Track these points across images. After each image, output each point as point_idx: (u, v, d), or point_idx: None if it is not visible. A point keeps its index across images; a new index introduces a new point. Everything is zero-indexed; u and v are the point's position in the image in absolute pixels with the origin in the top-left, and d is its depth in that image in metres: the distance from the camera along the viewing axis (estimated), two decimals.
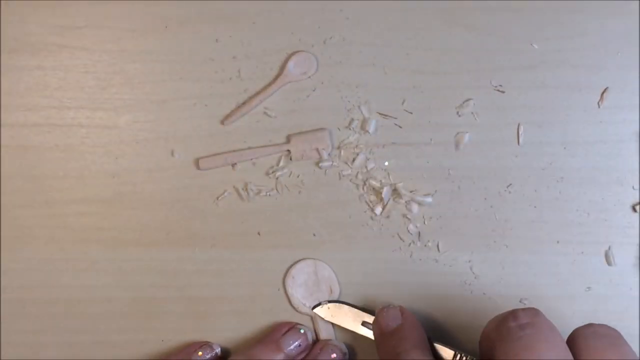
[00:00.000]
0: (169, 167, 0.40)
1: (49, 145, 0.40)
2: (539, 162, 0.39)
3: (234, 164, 0.40)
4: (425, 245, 0.40)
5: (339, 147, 0.40)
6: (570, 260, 0.39)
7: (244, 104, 0.40)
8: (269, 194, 0.40)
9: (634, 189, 0.39)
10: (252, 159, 0.40)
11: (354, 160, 0.40)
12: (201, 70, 0.40)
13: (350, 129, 0.40)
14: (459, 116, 0.39)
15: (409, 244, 0.40)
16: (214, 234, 0.40)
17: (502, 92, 0.39)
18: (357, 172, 0.40)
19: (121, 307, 0.41)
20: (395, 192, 0.39)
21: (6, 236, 0.41)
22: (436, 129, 0.39)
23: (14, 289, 0.41)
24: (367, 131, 0.39)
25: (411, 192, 0.39)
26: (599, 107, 0.39)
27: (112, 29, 0.40)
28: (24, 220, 0.41)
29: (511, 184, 0.39)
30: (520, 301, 0.39)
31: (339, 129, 0.40)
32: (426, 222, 0.40)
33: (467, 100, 0.39)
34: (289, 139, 0.40)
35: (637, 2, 0.39)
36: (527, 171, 0.39)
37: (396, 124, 0.40)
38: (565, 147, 0.39)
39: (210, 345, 0.40)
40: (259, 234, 0.40)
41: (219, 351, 0.40)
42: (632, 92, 0.39)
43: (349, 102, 0.40)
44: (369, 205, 0.40)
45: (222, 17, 0.40)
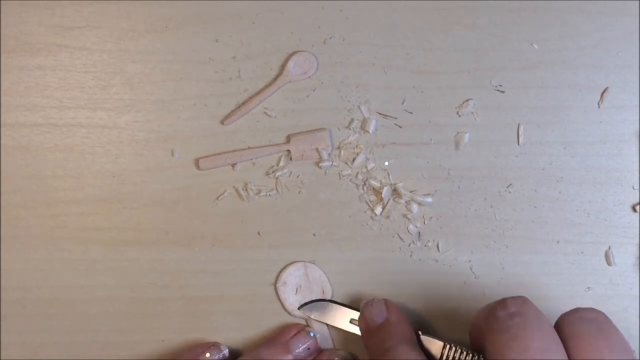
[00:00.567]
0: (169, 167, 0.40)
1: (49, 145, 0.40)
2: (539, 162, 0.39)
3: (234, 164, 0.40)
4: (425, 245, 0.40)
5: (339, 147, 0.40)
6: (570, 260, 0.39)
7: (244, 104, 0.40)
8: (269, 194, 0.40)
9: (634, 189, 0.39)
10: (252, 159, 0.40)
11: (354, 160, 0.40)
12: (201, 70, 0.40)
13: (350, 129, 0.40)
14: (459, 116, 0.39)
15: (409, 244, 0.40)
16: (214, 234, 0.40)
17: (502, 92, 0.39)
18: (357, 172, 0.40)
19: (121, 307, 0.41)
20: (395, 192, 0.39)
21: (6, 236, 0.41)
22: (436, 129, 0.39)
23: (14, 289, 0.41)
24: (367, 131, 0.39)
25: (411, 192, 0.39)
26: (599, 107, 0.39)
27: (112, 29, 0.40)
28: (24, 220, 0.41)
29: (511, 184, 0.39)
30: None
31: (339, 129, 0.40)
32: (426, 222, 0.40)
33: (467, 100, 0.39)
34: (289, 139, 0.40)
35: (637, 2, 0.39)
36: (527, 171, 0.39)
37: (396, 124, 0.40)
38: (565, 147, 0.39)
39: (218, 346, 0.39)
40: (259, 234, 0.40)
41: (227, 352, 0.39)
42: (632, 92, 0.39)
43: (349, 102, 0.40)
44: (369, 205, 0.40)
45: (222, 17, 0.40)
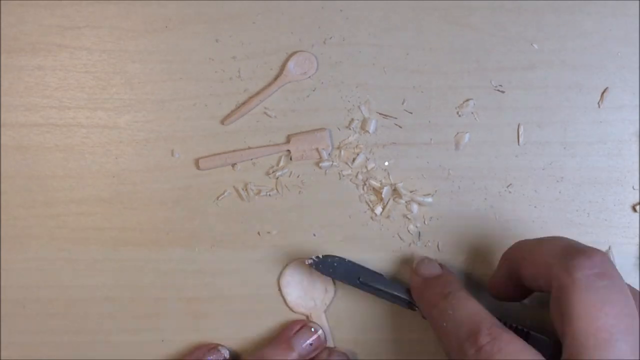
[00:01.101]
0: (169, 167, 0.40)
1: (49, 145, 0.40)
2: (539, 162, 0.39)
3: (234, 164, 0.40)
4: (425, 245, 0.40)
5: (339, 147, 0.40)
6: None
7: (244, 104, 0.40)
8: (269, 194, 0.40)
9: (634, 189, 0.39)
10: (252, 159, 0.40)
11: (354, 160, 0.40)
12: (201, 70, 0.40)
13: (350, 129, 0.40)
14: (459, 116, 0.39)
15: (409, 244, 0.40)
16: (214, 234, 0.40)
17: (502, 92, 0.39)
18: (357, 172, 0.40)
19: (121, 307, 0.41)
20: (395, 192, 0.39)
21: (6, 236, 0.41)
22: (436, 129, 0.39)
23: (14, 289, 0.41)
24: (367, 131, 0.39)
25: (411, 192, 0.39)
26: (599, 107, 0.39)
27: (112, 29, 0.40)
28: (24, 220, 0.41)
29: (511, 184, 0.39)
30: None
31: (339, 129, 0.40)
32: (426, 222, 0.40)
33: (467, 100, 0.39)
34: (289, 139, 0.40)
35: (637, 2, 0.39)
36: (527, 171, 0.39)
37: (396, 124, 0.40)
38: (565, 147, 0.39)
39: (218, 349, 0.39)
40: (259, 234, 0.40)
41: (228, 354, 0.39)
42: (632, 92, 0.39)
43: (349, 102, 0.40)
44: (369, 205, 0.40)
45: (222, 17, 0.40)
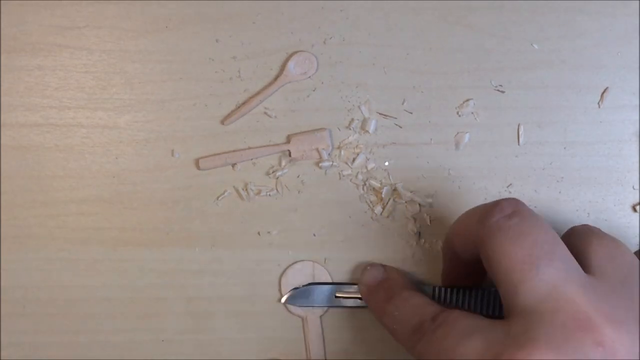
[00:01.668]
0: (169, 167, 0.40)
1: (49, 145, 0.40)
2: (539, 162, 0.39)
3: (234, 164, 0.40)
4: (425, 245, 0.40)
5: (339, 147, 0.40)
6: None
7: (244, 104, 0.40)
8: (269, 194, 0.40)
9: (634, 189, 0.39)
10: (252, 159, 0.40)
11: (354, 160, 0.40)
12: (201, 70, 0.40)
13: (350, 129, 0.40)
14: (459, 116, 0.39)
15: (409, 244, 0.40)
16: (214, 234, 0.40)
17: (502, 92, 0.39)
18: (357, 172, 0.40)
19: (121, 307, 0.41)
20: (395, 192, 0.39)
21: (6, 236, 0.41)
22: (436, 129, 0.39)
23: (14, 289, 0.41)
24: (367, 131, 0.39)
25: (411, 192, 0.39)
26: (599, 107, 0.39)
27: (112, 29, 0.40)
28: (24, 220, 0.41)
29: (511, 184, 0.39)
30: None
31: (339, 129, 0.40)
32: (426, 222, 0.40)
33: (467, 100, 0.39)
34: (289, 139, 0.40)
35: (637, 2, 0.39)
36: (527, 171, 0.39)
37: (396, 124, 0.40)
38: (565, 147, 0.39)
39: None
40: (259, 234, 0.40)
41: None
42: (632, 92, 0.39)
43: (349, 102, 0.40)
44: (369, 205, 0.40)
45: (222, 17, 0.40)
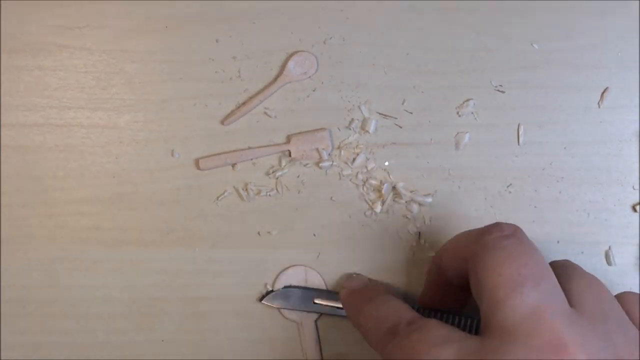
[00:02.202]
0: (169, 167, 0.40)
1: (49, 145, 0.40)
2: (539, 162, 0.39)
3: (234, 164, 0.40)
4: (425, 245, 0.40)
5: (339, 147, 0.40)
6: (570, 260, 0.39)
7: (244, 104, 0.40)
8: (269, 194, 0.40)
9: (634, 189, 0.39)
10: (252, 159, 0.40)
11: (354, 160, 0.40)
12: (201, 70, 0.40)
13: (350, 129, 0.40)
14: (459, 116, 0.39)
15: (409, 244, 0.40)
16: (214, 234, 0.40)
17: (502, 92, 0.39)
18: (357, 172, 0.40)
19: (121, 307, 0.41)
20: (395, 192, 0.39)
21: (6, 236, 0.41)
22: (436, 129, 0.39)
23: (14, 289, 0.41)
24: (367, 131, 0.39)
25: (411, 192, 0.39)
26: (599, 107, 0.39)
27: (112, 29, 0.40)
28: (24, 220, 0.41)
29: (511, 184, 0.39)
30: None
31: (339, 129, 0.40)
32: (426, 222, 0.40)
33: (467, 100, 0.39)
34: (289, 139, 0.40)
35: (637, 2, 0.39)
36: (527, 171, 0.39)
37: (396, 124, 0.40)
38: (565, 147, 0.39)
39: None
40: (259, 234, 0.40)
41: None
42: (632, 92, 0.39)
43: (349, 102, 0.40)
44: (369, 205, 0.40)
45: (222, 17, 0.40)
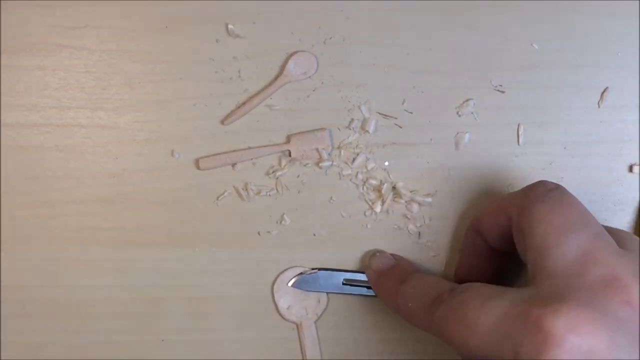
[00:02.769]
0: (169, 167, 0.40)
1: (49, 145, 0.40)
2: (539, 162, 0.39)
3: (234, 164, 0.40)
4: (425, 245, 0.40)
5: (339, 147, 0.40)
6: None
7: (244, 104, 0.40)
8: (269, 194, 0.40)
9: (634, 189, 0.39)
10: (252, 159, 0.40)
11: (354, 160, 0.40)
12: (201, 70, 0.40)
13: (350, 129, 0.40)
14: (459, 116, 0.39)
15: (409, 244, 0.40)
16: (214, 234, 0.40)
17: (502, 92, 0.39)
18: (357, 172, 0.40)
19: (121, 307, 0.41)
20: (395, 192, 0.39)
21: (6, 236, 0.41)
22: (436, 129, 0.39)
23: (14, 289, 0.41)
24: (367, 131, 0.39)
25: (411, 192, 0.39)
26: (599, 107, 0.39)
27: (112, 29, 0.40)
28: (24, 220, 0.41)
29: (511, 184, 0.39)
30: None
31: (339, 129, 0.40)
32: (426, 222, 0.40)
33: (467, 100, 0.39)
34: (289, 139, 0.40)
35: (637, 2, 0.39)
36: (527, 171, 0.39)
37: (396, 124, 0.40)
38: (565, 147, 0.39)
39: None
40: (259, 234, 0.40)
41: None
42: (632, 92, 0.39)
43: (349, 102, 0.40)
44: (369, 205, 0.40)
45: (222, 17, 0.39)
